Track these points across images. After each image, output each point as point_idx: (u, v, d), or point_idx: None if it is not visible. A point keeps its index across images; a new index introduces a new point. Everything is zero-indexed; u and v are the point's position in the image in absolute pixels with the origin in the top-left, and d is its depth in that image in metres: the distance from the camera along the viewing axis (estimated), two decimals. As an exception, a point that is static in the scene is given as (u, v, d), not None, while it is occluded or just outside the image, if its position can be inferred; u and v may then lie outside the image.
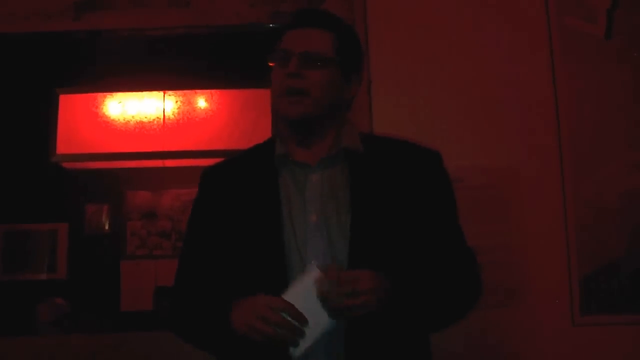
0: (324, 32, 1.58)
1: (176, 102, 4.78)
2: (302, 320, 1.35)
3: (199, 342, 1.59)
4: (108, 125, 4.73)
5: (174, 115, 4.76)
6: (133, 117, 4.74)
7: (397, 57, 2.50)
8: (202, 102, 4.78)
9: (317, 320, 1.35)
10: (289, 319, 1.34)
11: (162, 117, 4.75)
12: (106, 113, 4.74)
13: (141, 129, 4.73)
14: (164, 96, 4.78)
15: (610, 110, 2.47)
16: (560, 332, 2.38)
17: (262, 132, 3.82)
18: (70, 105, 4.72)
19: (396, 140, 1.71)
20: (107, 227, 5.27)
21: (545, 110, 2.48)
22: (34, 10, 2.71)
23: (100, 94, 4.76)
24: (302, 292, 1.36)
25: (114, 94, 4.77)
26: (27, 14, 2.71)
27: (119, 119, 4.74)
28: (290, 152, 1.60)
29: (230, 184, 1.63)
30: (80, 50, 4.44)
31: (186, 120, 4.75)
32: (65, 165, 4.85)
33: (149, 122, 4.74)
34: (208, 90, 4.78)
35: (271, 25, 2.69)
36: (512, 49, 2.51)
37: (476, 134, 2.46)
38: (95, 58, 4.52)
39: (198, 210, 1.68)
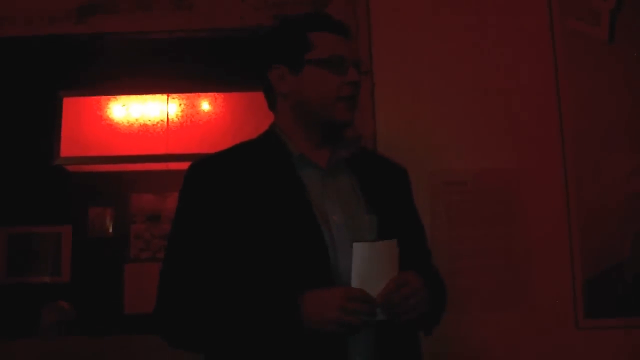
0: (353, 42, 1.69)
1: (180, 105, 4.79)
2: (375, 303, 1.43)
3: (226, 344, 1.52)
4: (112, 128, 4.74)
5: (178, 118, 4.77)
6: (137, 120, 4.75)
7: (400, 60, 2.50)
8: (205, 104, 4.79)
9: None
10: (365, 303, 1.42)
11: (165, 120, 4.76)
12: (110, 116, 4.75)
13: (145, 131, 4.74)
14: (167, 99, 4.79)
15: (613, 113, 2.46)
16: (564, 336, 2.37)
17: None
18: (73, 108, 4.73)
19: (371, 150, 1.91)
20: (110, 230, 5.27)
21: (548, 113, 2.48)
22: (37, 14, 2.71)
23: (103, 97, 4.77)
24: (363, 271, 1.44)
25: (117, 97, 4.78)
26: (30, 17, 2.72)
27: (122, 122, 4.75)
28: (304, 153, 1.64)
29: (237, 180, 1.58)
30: (83, 53, 4.45)
31: (190, 123, 4.76)
32: (69, 168, 4.86)
33: (153, 125, 4.75)
34: (211, 93, 4.79)
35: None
36: (515, 52, 2.51)
37: (479, 137, 2.46)
38: (99, 61, 4.52)
39: (198, 206, 1.60)
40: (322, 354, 1.46)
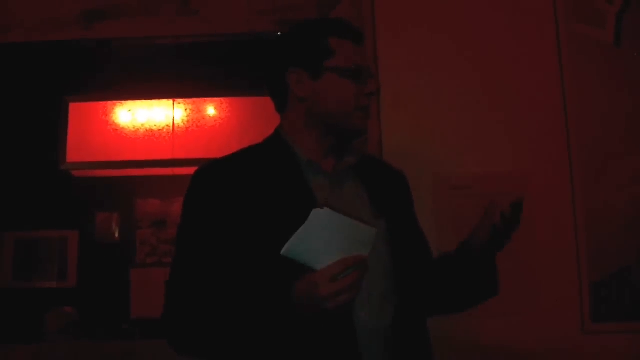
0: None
1: (185, 110, 4.80)
2: (363, 263, 1.36)
3: (236, 350, 1.49)
4: (118, 134, 4.75)
5: (184, 123, 4.78)
6: (143, 125, 4.76)
7: (406, 64, 2.50)
8: (211, 109, 4.80)
9: (356, 242, 1.37)
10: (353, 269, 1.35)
11: (171, 125, 4.77)
12: (116, 121, 4.76)
13: (151, 137, 4.75)
14: (173, 104, 4.80)
15: (619, 116, 2.46)
16: (570, 339, 2.36)
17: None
18: (80, 113, 4.74)
19: (371, 155, 1.92)
20: (117, 235, 5.28)
21: (554, 116, 2.47)
22: (44, 20, 2.73)
23: (110, 102, 4.78)
24: (311, 236, 1.35)
25: (123, 102, 4.79)
26: (37, 23, 2.73)
27: (128, 127, 4.76)
28: (312, 159, 1.64)
29: (245, 184, 1.56)
30: (90, 58, 4.47)
31: (195, 128, 4.77)
32: (75, 173, 4.87)
33: (159, 130, 4.76)
34: (217, 98, 4.80)
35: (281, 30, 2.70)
36: (521, 55, 2.51)
37: (485, 140, 2.46)
38: (105, 66, 4.55)
39: (206, 211, 1.57)
40: (333, 355, 1.44)
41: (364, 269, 1.36)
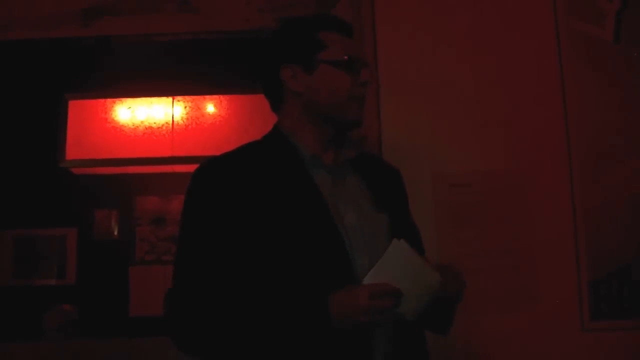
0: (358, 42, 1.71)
1: (185, 107, 4.79)
2: (399, 293, 1.41)
3: (247, 348, 1.48)
4: (117, 131, 4.74)
5: (183, 121, 4.77)
6: (142, 122, 4.76)
7: (405, 61, 2.50)
8: (210, 107, 4.79)
9: (420, 283, 1.45)
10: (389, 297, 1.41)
11: (171, 122, 4.76)
12: (115, 118, 4.75)
13: (150, 134, 4.75)
14: (172, 102, 4.79)
15: (619, 114, 2.46)
16: (570, 337, 2.37)
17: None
18: (79, 110, 4.74)
19: (367, 152, 1.91)
20: (116, 233, 5.28)
21: (553, 114, 2.47)
22: (43, 17, 2.72)
23: (109, 100, 4.78)
24: (392, 267, 1.44)
25: (123, 99, 4.78)
26: (36, 21, 2.73)
27: (128, 125, 4.75)
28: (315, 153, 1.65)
29: (249, 180, 1.56)
30: (89, 56, 4.45)
31: (195, 125, 4.76)
32: (75, 170, 4.86)
33: (158, 127, 4.75)
34: (217, 96, 4.79)
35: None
36: (520, 53, 2.51)
37: (484, 138, 2.46)
38: (105, 64, 4.53)
39: (210, 207, 1.56)
40: (347, 353, 1.45)
41: (395, 301, 1.41)
